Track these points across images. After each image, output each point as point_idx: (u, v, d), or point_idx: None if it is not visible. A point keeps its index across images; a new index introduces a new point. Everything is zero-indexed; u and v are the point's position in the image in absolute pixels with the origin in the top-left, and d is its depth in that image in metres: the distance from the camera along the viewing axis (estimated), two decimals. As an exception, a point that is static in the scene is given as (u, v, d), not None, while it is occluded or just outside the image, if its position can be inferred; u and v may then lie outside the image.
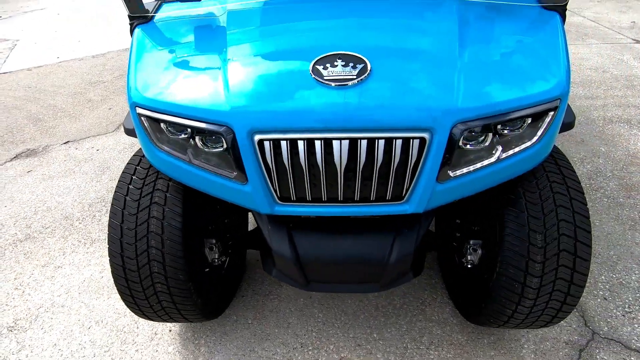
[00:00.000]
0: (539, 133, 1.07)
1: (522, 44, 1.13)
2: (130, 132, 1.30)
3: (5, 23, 6.86)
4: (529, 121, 1.06)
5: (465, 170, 1.07)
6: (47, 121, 3.51)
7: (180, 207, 1.29)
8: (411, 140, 1.01)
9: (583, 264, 1.17)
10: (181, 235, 1.26)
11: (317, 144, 1.01)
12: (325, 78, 0.99)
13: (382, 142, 1.00)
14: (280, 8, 1.27)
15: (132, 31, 1.27)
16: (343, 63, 1.01)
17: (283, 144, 1.02)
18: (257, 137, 1.02)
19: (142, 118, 1.12)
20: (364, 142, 1.01)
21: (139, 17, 1.25)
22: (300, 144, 1.02)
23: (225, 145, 1.07)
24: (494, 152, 1.07)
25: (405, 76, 1.02)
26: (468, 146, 1.06)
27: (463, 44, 1.07)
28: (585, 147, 2.76)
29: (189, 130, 1.09)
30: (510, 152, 1.08)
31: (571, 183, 1.21)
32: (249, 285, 1.88)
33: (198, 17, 1.28)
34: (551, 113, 1.05)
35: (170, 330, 1.69)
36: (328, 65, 1.01)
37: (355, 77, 0.99)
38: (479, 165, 1.07)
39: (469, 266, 1.40)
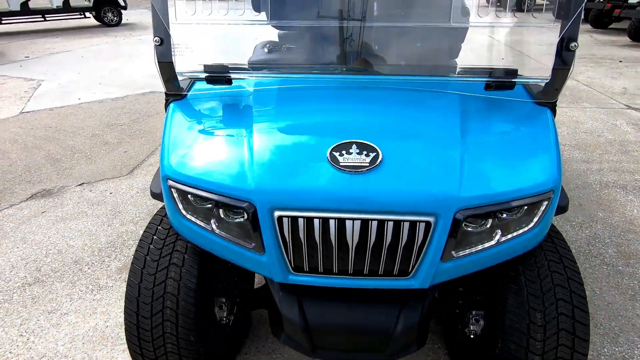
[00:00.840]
0: (535, 219, 1.17)
1: (517, 138, 1.26)
2: (156, 197, 1.40)
3: (32, 64, 7.29)
4: (526, 208, 1.16)
5: (467, 251, 1.16)
6: (65, 162, 3.65)
7: (197, 268, 1.36)
8: (418, 223, 1.10)
9: (582, 344, 1.21)
10: (195, 297, 1.32)
11: (332, 222, 1.11)
12: (341, 164, 1.10)
13: (390, 224, 1.10)
14: (303, 93, 1.42)
15: (166, 106, 1.42)
16: (357, 151, 1.12)
17: (300, 221, 1.12)
18: (276, 214, 1.12)
19: (172, 189, 1.22)
20: (374, 223, 1.10)
21: (174, 94, 1.40)
22: (316, 222, 1.11)
23: (246, 217, 1.16)
24: (494, 235, 1.16)
25: (412, 165, 1.14)
26: (469, 229, 1.15)
27: (464, 136, 1.20)
28: (583, 212, 2.84)
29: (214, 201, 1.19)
30: (509, 235, 1.17)
31: (568, 263, 1.29)
32: (253, 342, 1.88)
33: (227, 95, 1.43)
34: (545, 202, 1.15)
35: (171, 388, 1.68)
36: (344, 152, 1.12)
37: (368, 164, 1.10)
38: (480, 247, 1.16)
39: (472, 336, 1.43)
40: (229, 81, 1.34)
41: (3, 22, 10.17)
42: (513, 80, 1.26)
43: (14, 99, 5.37)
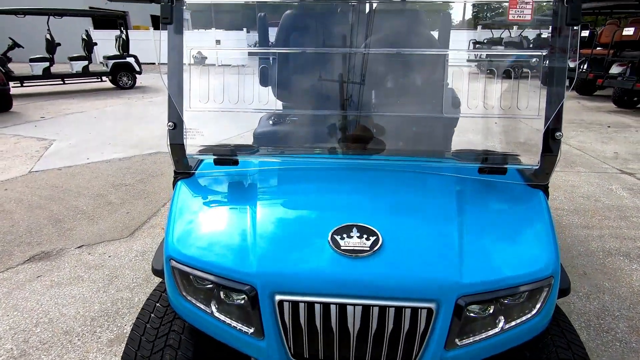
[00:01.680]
0: (538, 306, 1.16)
1: (514, 224, 1.29)
2: (157, 273, 1.40)
3: (46, 124, 7.63)
4: (527, 294, 1.16)
5: (471, 339, 1.13)
6: (67, 222, 3.67)
7: (192, 350, 1.31)
8: (419, 310, 1.09)
9: None
10: (189, 382, 1.26)
11: (333, 308, 1.10)
12: (342, 248, 1.13)
13: (392, 310, 1.09)
14: (305, 173, 1.49)
15: (174, 183, 1.48)
16: (358, 234, 1.15)
17: (301, 306, 1.11)
18: (277, 298, 1.12)
19: (175, 270, 1.23)
20: (376, 310, 1.09)
21: (182, 172, 1.47)
22: (317, 307, 1.10)
23: (246, 300, 1.15)
24: (497, 322, 1.14)
25: (412, 251, 1.16)
26: (472, 314, 1.14)
27: (462, 221, 1.23)
28: (589, 281, 2.79)
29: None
30: (513, 322, 1.15)
31: (576, 349, 1.24)
32: None
33: (233, 175, 1.50)
34: (546, 289, 1.15)
35: None
36: (345, 235, 1.15)
37: (368, 248, 1.12)
38: (484, 335, 1.14)
39: None
40: (235, 162, 1.42)
41: (25, 85, 10.84)
42: (505, 166, 1.33)
43: (24, 158, 5.54)
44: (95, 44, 12.80)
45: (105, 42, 15.76)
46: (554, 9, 1.25)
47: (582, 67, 10.37)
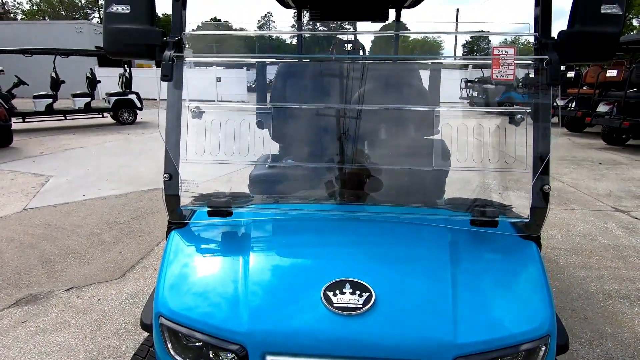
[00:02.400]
0: (536, 365, 1.13)
1: (508, 280, 1.28)
2: (146, 328, 1.36)
3: (45, 159, 7.68)
4: (524, 354, 1.13)
5: (470, 403, 1.09)
6: (57, 263, 3.59)
7: (179, 411, 1.25)
8: (414, 372, 1.06)
9: None
10: None
11: (325, 369, 1.07)
12: (334, 305, 1.11)
13: (386, 372, 1.06)
14: (299, 225, 1.49)
15: (168, 233, 1.48)
16: (350, 290, 1.14)
17: (292, 367, 1.08)
18: (268, 359, 1.09)
19: (163, 327, 1.20)
20: (369, 372, 1.06)
21: (176, 222, 1.47)
22: (309, 368, 1.07)
23: (236, 359, 1.12)
24: (496, 384, 1.11)
25: (406, 308, 1.14)
26: (469, 375, 1.10)
27: (456, 277, 1.22)
28: (590, 326, 2.72)
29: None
30: (512, 384, 1.11)
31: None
32: None
33: (228, 224, 1.50)
34: (543, 348, 1.13)
35: None
36: (337, 291, 1.14)
37: (361, 305, 1.11)
38: (482, 398, 1.09)
39: None
40: (229, 213, 1.43)
41: (26, 120, 11.03)
42: (496, 219, 1.34)
43: (20, 194, 5.52)
44: (99, 81, 13.19)
45: (109, 79, 16.26)
46: (534, 70, 1.32)
47: (570, 105, 10.74)
